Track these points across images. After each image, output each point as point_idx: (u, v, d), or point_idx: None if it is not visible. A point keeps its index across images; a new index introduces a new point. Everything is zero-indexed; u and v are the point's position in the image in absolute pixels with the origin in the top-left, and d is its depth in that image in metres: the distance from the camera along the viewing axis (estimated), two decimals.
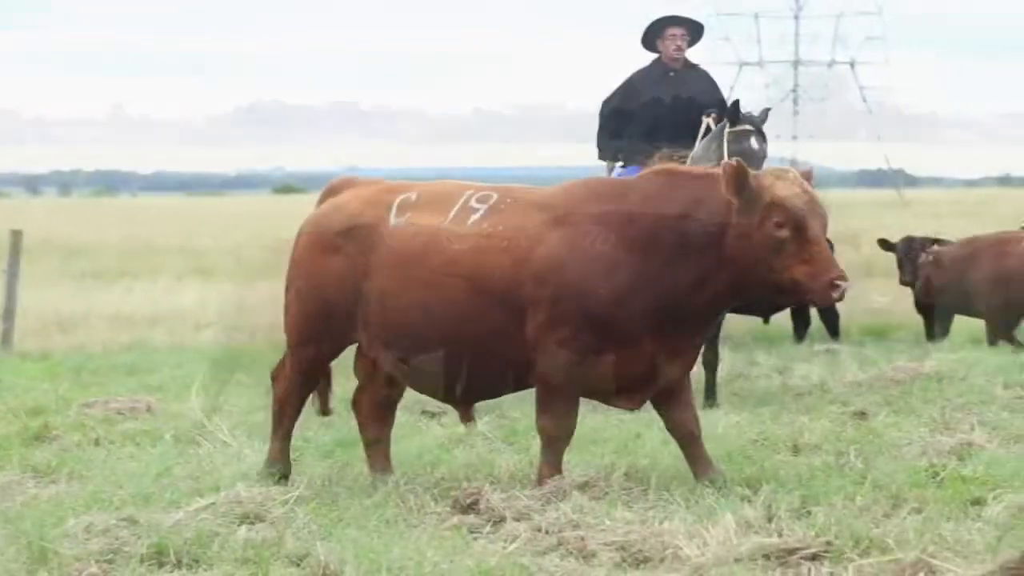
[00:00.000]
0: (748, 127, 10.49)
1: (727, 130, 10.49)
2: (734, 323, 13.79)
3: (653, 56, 11.49)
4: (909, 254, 16.39)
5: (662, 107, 11.20)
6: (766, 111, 10.81)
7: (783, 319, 16.84)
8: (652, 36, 11.33)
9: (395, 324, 7.55)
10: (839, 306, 16.50)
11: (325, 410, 8.33)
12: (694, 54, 11.57)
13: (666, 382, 7.48)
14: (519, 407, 10.43)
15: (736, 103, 10.61)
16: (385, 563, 6.05)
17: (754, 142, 10.43)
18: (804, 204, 7.13)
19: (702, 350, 8.37)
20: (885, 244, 16.72)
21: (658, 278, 7.27)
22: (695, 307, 7.31)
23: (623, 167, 11.22)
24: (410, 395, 11.99)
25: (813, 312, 16.63)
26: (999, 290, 15.77)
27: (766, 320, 16.70)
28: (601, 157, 11.56)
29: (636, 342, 7.32)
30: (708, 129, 10.87)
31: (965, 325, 17.40)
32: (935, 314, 16.74)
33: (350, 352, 8.21)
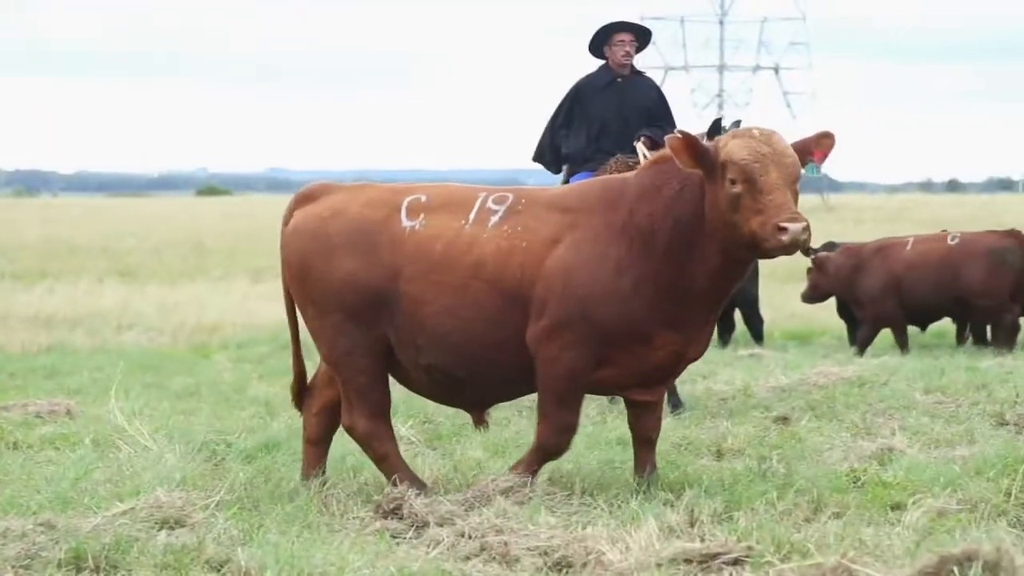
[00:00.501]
0: None
1: None
2: None
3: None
4: None
5: (610, 114, 11.20)
6: (737, 123, 10.78)
7: None
8: (599, 42, 11.32)
9: (428, 329, 7.40)
10: (763, 311, 16.66)
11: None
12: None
13: (685, 366, 7.56)
14: (442, 411, 10.43)
15: (718, 122, 10.62)
16: (307, 569, 6.01)
17: None
18: (754, 156, 7.06)
19: None
20: (808, 249, 16.84)
21: (662, 271, 7.25)
22: (700, 288, 7.28)
23: (571, 174, 11.19)
24: None
25: (737, 316, 16.74)
26: (890, 295, 15.99)
27: None
28: (538, 160, 11.51)
29: (649, 339, 7.31)
30: (643, 155, 10.86)
31: (887, 331, 17.56)
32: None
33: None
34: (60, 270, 29.92)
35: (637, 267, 7.27)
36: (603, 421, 10.16)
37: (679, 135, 7.23)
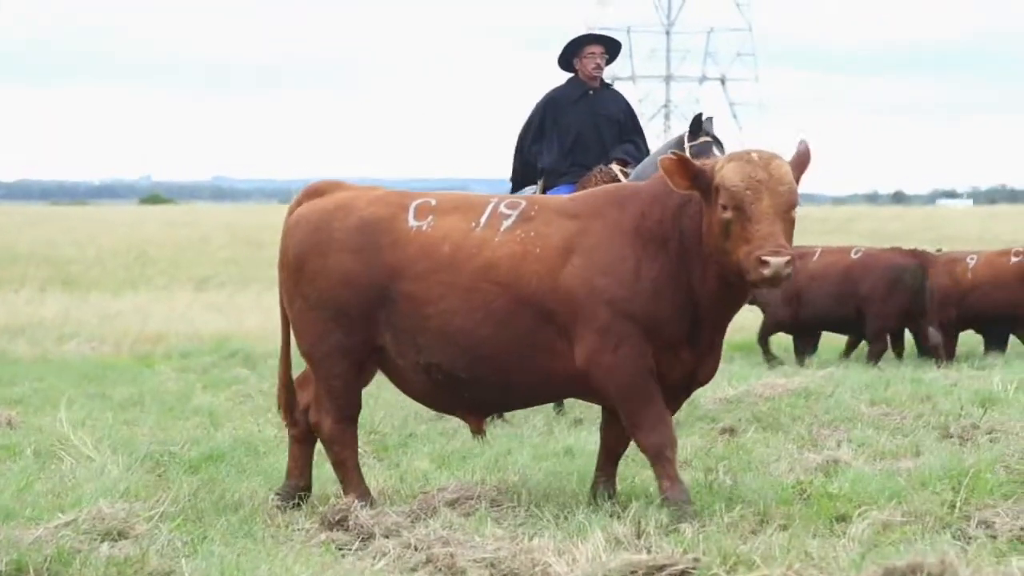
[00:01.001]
0: (707, 138, 10.50)
1: (688, 144, 10.46)
2: None
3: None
4: None
5: (584, 126, 11.22)
6: (709, 119, 10.78)
7: None
8: (569, 54, 11.34)
9: (432, 329, 7.28)
10: None
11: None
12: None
13: (696, 387, 7.45)
14: (389, 422, 10.40)
15: (699, 117, 10.62)
16: None
17: (717, 152, 10.41)
18: (746, 183, 6.90)
19: None
20: None
21: (678, 275, 7.14)
22: (706, 303, 7.16)
23: (547, 188, 11.18)
24: (278, 409, 11.92)
25: None
26: (790, 304, 16.19)
27: None
28: (514, 177, 11.52)
29: (673, 345, 7.18)
30: (620, 172, 10.90)
31: (832, 342, 17.68)
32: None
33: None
34: (1, 279, 29.69)
35: (655, 267, 7.15)
36: (550, 432, 10.15)
37: (672, 154, 7.09)
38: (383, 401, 11.09)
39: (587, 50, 11.29)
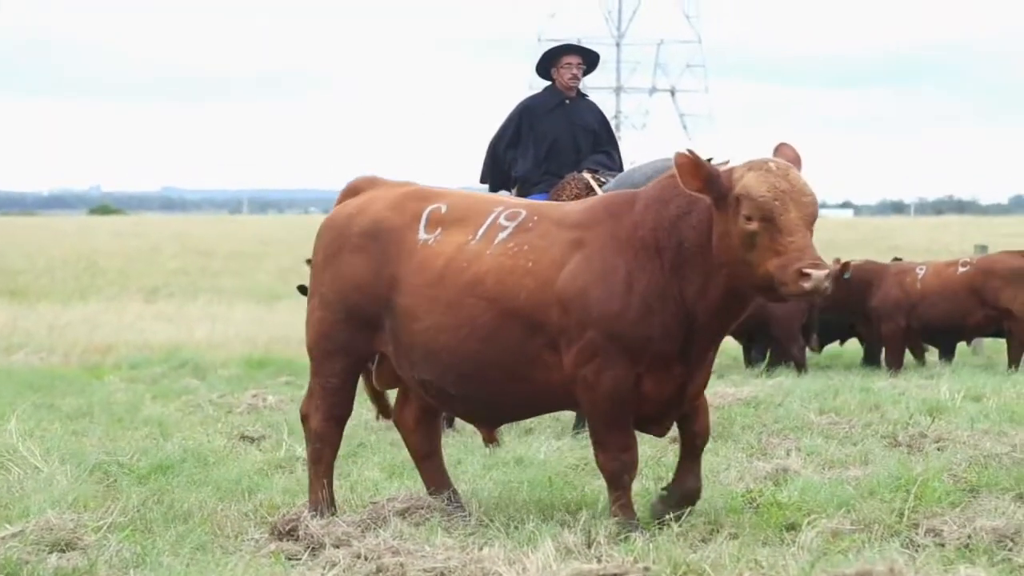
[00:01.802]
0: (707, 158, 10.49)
1: None
2: None
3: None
4: None
5: (560, 134, 11.26)
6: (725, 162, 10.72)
7: None
8: (547, 64, 11.40)
9: (422, 344, 7.22)
10: None
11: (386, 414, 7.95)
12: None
13: (689, 402, 7.24)
14: None
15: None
16: None
17: None
18: (773, 193, 6.68)
19: None
20: None
21: (669, 288, 6.94)
22: (704, 317, 6.96)
23: (523, 196, 11.18)
24: (228, 419, 11.90)
25: None
26: None
27: None
28: (484, 180, 11.54)
29: (665, 362, 7.00)
30: (595, 181, 10.92)
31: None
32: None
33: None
34: None
35: (644, 280, 6.95)
36: (500, 441, 10.14)
37: (687, 151, 6.81)
38: None
39: (564, 60, 11.38)
